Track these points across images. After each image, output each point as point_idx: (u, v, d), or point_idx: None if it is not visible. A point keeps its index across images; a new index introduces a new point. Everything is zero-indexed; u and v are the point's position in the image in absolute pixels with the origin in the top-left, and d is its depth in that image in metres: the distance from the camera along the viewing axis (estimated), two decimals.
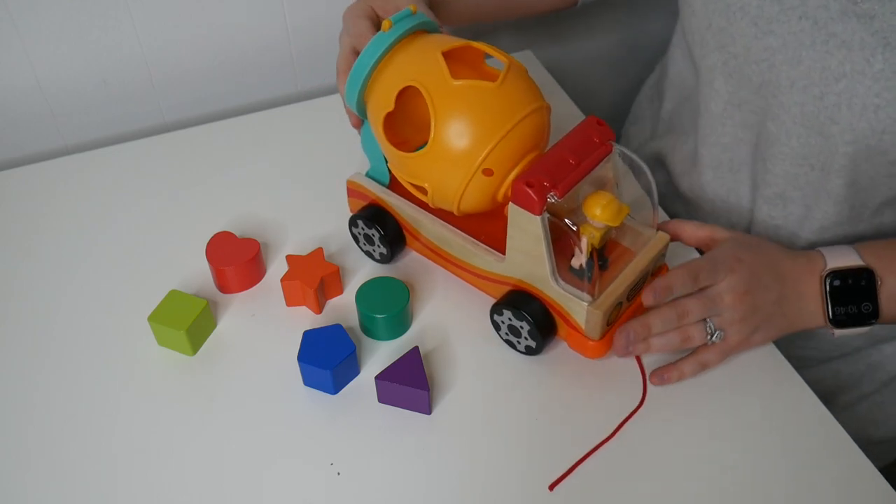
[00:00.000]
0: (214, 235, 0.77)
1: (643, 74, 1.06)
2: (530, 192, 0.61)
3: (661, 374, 0.67)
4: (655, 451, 0.64)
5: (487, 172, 0.65)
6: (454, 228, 0.72)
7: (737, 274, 0.65)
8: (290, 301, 0.74)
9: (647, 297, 0.64)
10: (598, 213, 0.62)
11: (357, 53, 0.71)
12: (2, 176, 0.88)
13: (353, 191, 0.77)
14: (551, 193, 0.61)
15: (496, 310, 0.69)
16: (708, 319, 0.66)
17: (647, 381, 0.68)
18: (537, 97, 0.67)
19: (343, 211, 0.83)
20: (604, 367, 0.70)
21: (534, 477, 0.63)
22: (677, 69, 0.90)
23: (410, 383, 0.65)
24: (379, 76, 0.68)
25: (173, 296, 0.71)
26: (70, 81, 0.91)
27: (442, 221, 0.72)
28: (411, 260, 0.78)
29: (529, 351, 0.69)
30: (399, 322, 0.71)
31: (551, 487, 0.62)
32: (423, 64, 0.66)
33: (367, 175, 0.77)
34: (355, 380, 0.69)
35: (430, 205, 0.70)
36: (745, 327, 0.66)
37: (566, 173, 0.63)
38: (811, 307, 0.68)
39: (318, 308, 0.73)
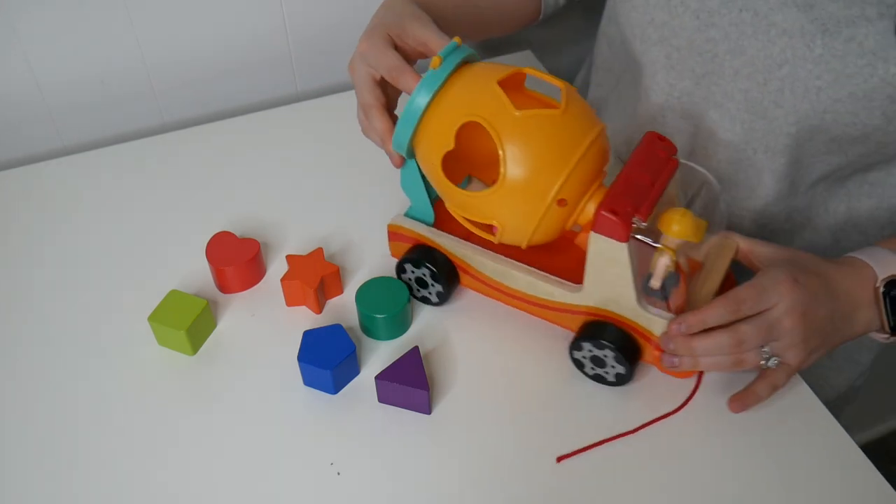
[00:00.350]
0: (214, 235, 0.77)
1: None
2: (616, 219, 0.60)
3: (743, 402, 0.65)
4: (660, 451, 0.64)
5: (562, 203, 0.63)
6: (518, 263, 0.69)
7: (794, 295, 0.63)
8: (290, 301, 0.74)
9: (672, 327, 0.63)
10: (676, 229, 0.61)
11: (380, 84, 0.69)
12: (0, 176, 0.88)
13: (395, 234, 0.74)
14: (635, 218, 0.60)
15: (576, 345, 0.67)
16: (766, 346, 0.64)
17: (697, 391, 0.67)
18: (596, 119, 0.66)
19: (343, 211, 0.83)
20: None
21: (534, 477, 0.63)
22: (603, 58, 0.91)
23: (410, 383, 0.65)
24: (431, 114, 0.64)
25: (173, 296, 0.71)
26: (68, 82, 0.91)
27: (503, 257, 0.70)
28: None
29: (620, 380, 0.67)
30: (399, 322, 0.71)
31: (559, 460, 0.63)
32: (480, 97, 0.63)
33: (408, 215, 0.73)
34: (355, 380, 0.69)
35: (496, 241, 0.67)
36: (804, 349, 0.64)
37: (645, 195, 0.61)
38: (864, 315, 0.67)
39: (318, 308, 0.73)
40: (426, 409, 0.66)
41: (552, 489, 0.62)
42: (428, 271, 0.71)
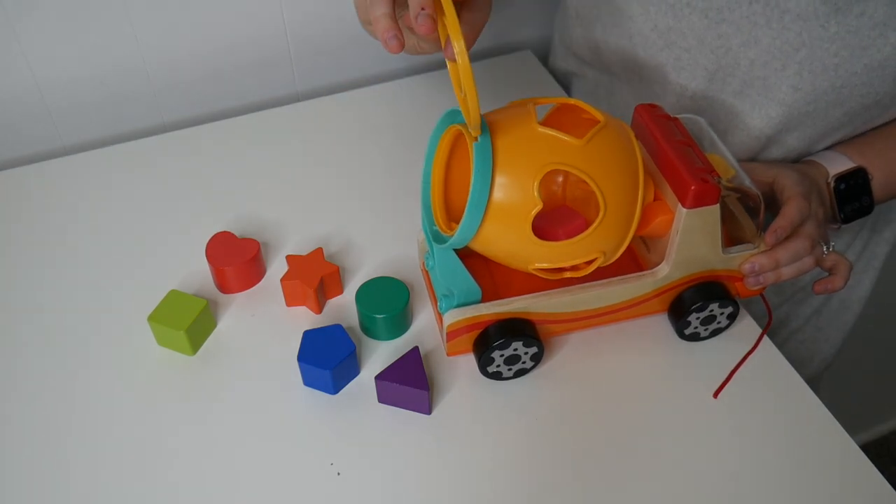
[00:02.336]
0: (214, 235, 0.77)
1: None
2: (708, 187, 0.62)
3: (826, 285, 0.74)
4: (655, 450, 0.65)
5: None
6: (599, 281, 0.68)
7: (813, 202, 0.72)
8: (290, 301, 0.74)
9: (770, 239, 0.68)
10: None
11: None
12: (0, 176, 0.88)
13: (456, 332, 0.67)
14: (716, 177, 0.63)
15: (685, 322, 0.69)
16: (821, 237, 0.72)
17: (770, 322, 0.72)
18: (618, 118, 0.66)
19: (343, 211, 0.83)
20: (602, 364, 0.70)
21: (534, 478, 0.63)
22: (575, 64, 0.94)
23: (410, 383, 0.65)
24: (495, 180, 0.60)
25: (173, 296, 0.71)
26: (68, 82, 0.91)
27: (587, 284, 0.67)
28: (411, 259, 0.78)
29: (732, 318, 0.70)
30: (399, 322, 0.71)
31: (715, 395, 0.67)
32: (533, 145, 0.60)
33: (458, 305, 0.66)
34: (355, 380, 0.69)
35: (581, 275, 0.64)
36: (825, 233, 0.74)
37: (697, 155, 0.64)
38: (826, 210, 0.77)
39: (318, 308, 0.73)
40: (426, 409, 0.66)
41: (553, 489, 0.62)
42: (522, 342, 0.66)
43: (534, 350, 0.67)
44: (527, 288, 0.67)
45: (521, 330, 0.66)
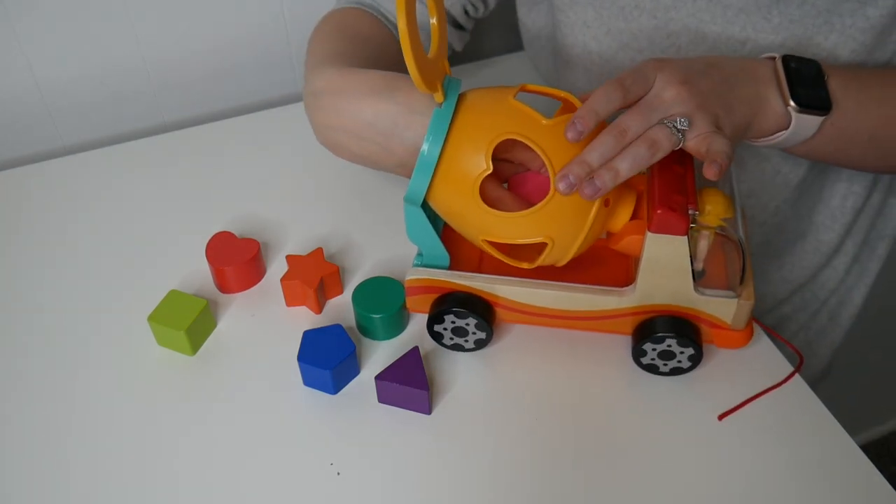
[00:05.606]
0: (214, 235, 0.77)
1: None
2: (676, 215, 0.60)
3: (711, 167, 0.58)
4: (662, 453, 0.65)
5: (606, 203, 0.62)
6: (565, 283, 0.67)
7: (666, 68, 0.60)
8: (290, 301, 0.74)
9: (569, 132, 0.57)
10: (709, 209, 0.62)
11: None
12: (0, 176, 0.88)
13: (415, 288, 0.69)
14: (691, 210, 0.61)
15: (640, 351, 0.67)
16: (664, 119, 0.59)
17: (801, 358, 0.69)
18: None
19: (343, 211, 0.83)
20: (605, 365, 0.70)
21: (535, 477, 0.63)
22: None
23: (410, 383, 0.65)
24: (449, 151, 0.61)
25: (173, 296, 0.71)
26: (68, 82, 0.91)
27: (549, 282, 0.67)
28: (411, 259, 0.78)
29: (694, 361, 0.67)
30: (395, 321, 0.71)
31: (720, 417, 0.66)
32: (500, 116, 0.61)
33: (423, 265, 0.68)
34: (355, 380, 0.69)
35: (540, 263, 0.64)
36: (707, 114, 0.59)
37: (685, 184, 0.62)
38: (767, 91, 0.64)
39: (318, 308, 0.73)
40: (426, 409, 0.66)
41: (554, 489, 0.62)
42: (472, 318, 0.67)
43: (474, 321, 0.67)
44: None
45: (459, 302, 0.66)
